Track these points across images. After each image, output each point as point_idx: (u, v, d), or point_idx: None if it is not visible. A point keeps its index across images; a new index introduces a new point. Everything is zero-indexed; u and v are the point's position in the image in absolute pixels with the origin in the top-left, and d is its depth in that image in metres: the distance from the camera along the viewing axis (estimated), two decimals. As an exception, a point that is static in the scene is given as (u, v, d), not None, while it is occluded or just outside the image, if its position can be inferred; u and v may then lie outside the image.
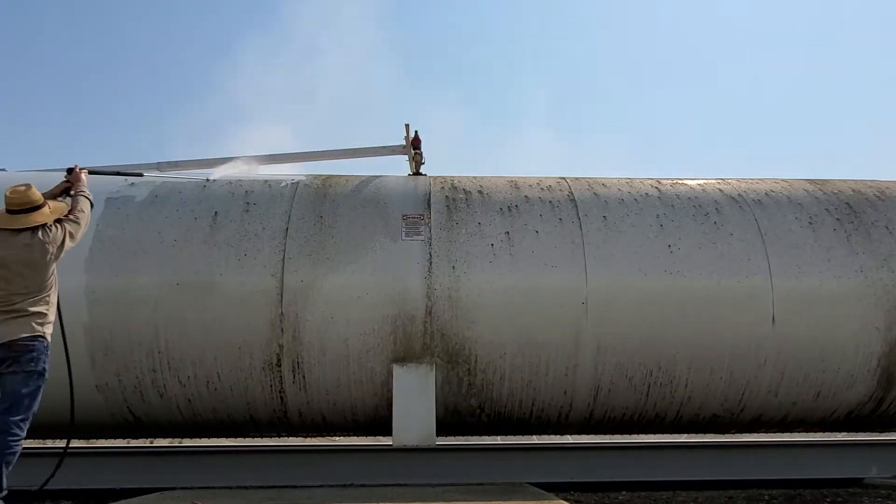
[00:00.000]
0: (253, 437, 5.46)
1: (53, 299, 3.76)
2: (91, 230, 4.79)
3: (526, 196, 5.20)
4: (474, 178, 5.47)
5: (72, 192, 4.03)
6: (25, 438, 3.63)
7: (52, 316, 3.74)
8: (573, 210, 5.10)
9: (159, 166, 5.84)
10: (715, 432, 5.44)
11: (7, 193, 3.72)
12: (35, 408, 3.60)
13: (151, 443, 5.84)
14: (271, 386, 4.77)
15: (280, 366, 4.72)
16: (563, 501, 3.84)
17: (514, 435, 5.51)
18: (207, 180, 5.05)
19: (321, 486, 4.59)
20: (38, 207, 3.73)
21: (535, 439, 6.00)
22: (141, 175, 5.09)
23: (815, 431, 5.56)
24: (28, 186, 3.75)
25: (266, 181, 5.31)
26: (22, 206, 3.70)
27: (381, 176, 5.45)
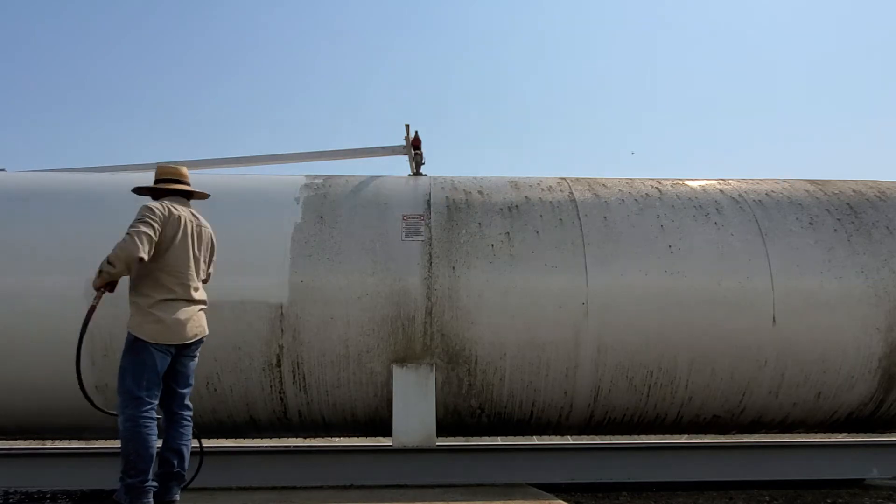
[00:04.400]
0: (253, 437, 5.46)
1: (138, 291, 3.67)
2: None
3: (526, 196, 5.20)
4: (474, 178, 5.46)
5: None
6: (26, 439, 3.66)
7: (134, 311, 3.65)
8: (573, 210, 5.10)
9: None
10: (715, 433, 5.43)
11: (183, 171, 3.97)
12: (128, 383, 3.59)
13: (151, 443, 5.82)
14: (271, 387, 4.77)
15: (280, 366, 4.72)
16: (562, 502, 3.84)
17: (515, 436, 5.51)
18: None
19: (321, 488, 4.59)
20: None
21: (535, 440, 6.00)
22: None
23: (816, 432, 5.56)
24: None
25: (266, 181, 5.31)
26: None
27: (381, 176, 5.44)
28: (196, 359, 3.83)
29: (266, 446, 5.35)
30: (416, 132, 5.88)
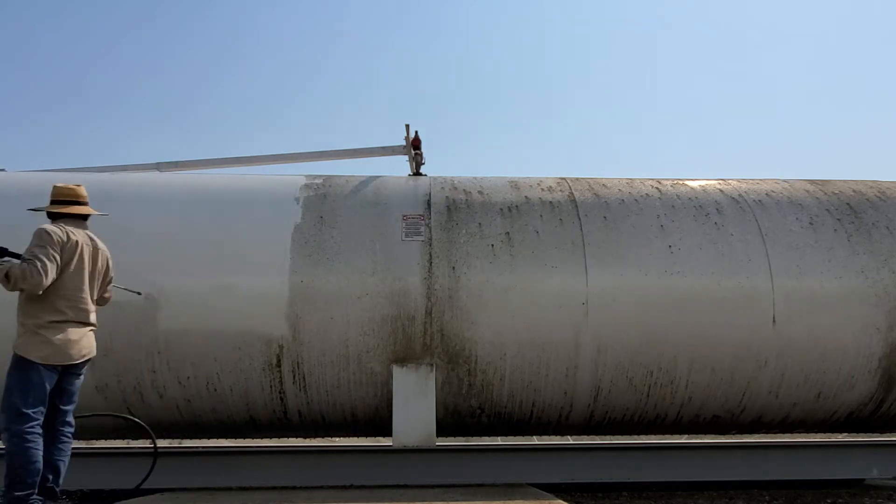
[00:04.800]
0: (253, 437, 5.46)
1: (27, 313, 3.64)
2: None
3: (526, 197, 5.20)
4: (474, 178, 5.46)
5: None
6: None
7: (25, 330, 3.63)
8: (574, 211, 5.10)
9: (159, 167, 5.84)
10: (715, 433, 5.44)
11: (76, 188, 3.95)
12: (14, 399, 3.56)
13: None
14: (271, 386, 4.77)
15: (280, 366, 4.72)
16: (562, 502, 3.83)
17: (515, 436, 5.51)
18: None
19: (321, 488, 4.59)
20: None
21: (535, 440, 6.01)
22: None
23: (816, 432, 5.56)
24: None
25: (266, 181, 5.32)
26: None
27: (381, 176, 5.45)
28: (82, 377, 3.83)
29: (266, 446, 5.35)
30: (416, 132, 5.89)
